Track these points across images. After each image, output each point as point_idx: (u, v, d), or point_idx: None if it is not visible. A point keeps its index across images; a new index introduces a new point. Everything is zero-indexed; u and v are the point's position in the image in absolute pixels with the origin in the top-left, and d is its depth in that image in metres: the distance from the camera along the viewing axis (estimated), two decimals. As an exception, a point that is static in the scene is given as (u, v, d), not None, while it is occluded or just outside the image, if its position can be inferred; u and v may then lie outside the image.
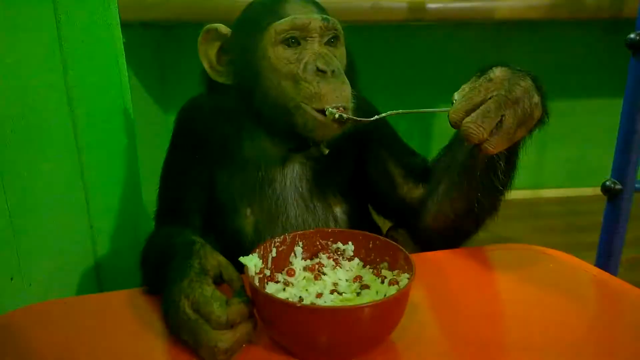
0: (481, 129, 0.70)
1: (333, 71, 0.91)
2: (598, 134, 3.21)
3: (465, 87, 0.77)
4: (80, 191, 1.28)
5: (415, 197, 1.05)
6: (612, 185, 1.44)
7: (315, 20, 0.93)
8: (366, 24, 2.77)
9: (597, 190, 1.51)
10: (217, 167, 1.03)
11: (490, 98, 0.72)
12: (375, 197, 1.13)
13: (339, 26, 0.98)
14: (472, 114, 0.72)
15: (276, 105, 0.95)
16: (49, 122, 1.16)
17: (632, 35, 1.35)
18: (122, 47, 1.26)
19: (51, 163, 1.15)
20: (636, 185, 1.45)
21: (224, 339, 0.69)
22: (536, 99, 0.74)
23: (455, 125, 0.74)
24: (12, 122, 1.01)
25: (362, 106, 1.02)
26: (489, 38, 3.05)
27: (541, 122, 0.79)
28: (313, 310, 0.68)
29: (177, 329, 0.74)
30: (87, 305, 0.89)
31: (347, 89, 0.92)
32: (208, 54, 1.00)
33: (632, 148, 1.41)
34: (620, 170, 1.44)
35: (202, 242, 0.82)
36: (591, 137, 3.29)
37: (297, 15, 0.93)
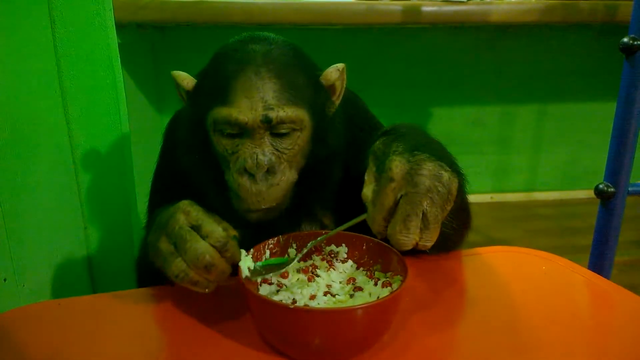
0: (410, 236, 0.66)
1: (267, 170, 0.85)
2: (591, 137, 3.24)
3: (370, 188, 0.72)
4: (74, 192, 1.28)
5: None
6: (605, 188, 1.45)
7: (254, 118, 0.83)
8: (361, 27, 2.78)
9: (591, 193, 1.52)
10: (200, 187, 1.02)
11: (402, 197, 0.67)
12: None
13: (293, 116, 0.85)
14: (393, 223, 0.67)
15: (220, 170, 0.91)
16: (43, 123, 1.16)
17: (625, 39, 1.36)
18: (117, 48, 1.26)
19: (45, 164, 1.15)
20: (629, 189, 1.46)
21: (213, 255, 0.72)
22: (445, 175, 0.68)
23: (381, 235, 0.70)
24: (6, 123, 1.01)
25: (349, 110, 1.01)
26: (484, 41, 3.07)
27: (462, 185, 0.77)
28: (306, 312, 0.68)
29: (157, 238, 0.75)
30: (80, 307, 0.88)
31: (274, 192, 0.86)
32: (180, 92, 0.96)
33: (625, 151, 1.42)
34: (614, 173, 1.45)
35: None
36: (585, 140, 3.31)
37: (236, 108, 0.83)
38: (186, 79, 0.93)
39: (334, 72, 0.92)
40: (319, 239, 0.83)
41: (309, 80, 0.90)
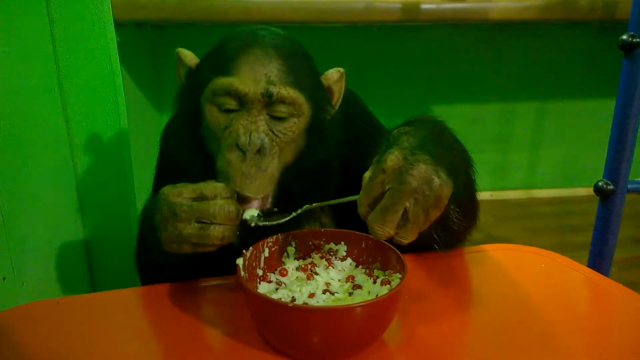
0: (385, 228, 0.67)
1: (259, 150, 0.83)
2: (591, 135, 3.23)
3: (367, 173, 0.72)
4: (73, 191, 1.28)
5: None
6: (605, 185, 1.45)
7: (255, 90, 0.82)
8: (360, 25, 2.78)
9: (590, 191, 1.52)
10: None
11: (389, 190, 0.68)
12: None
13: (293, 97, 0.85)
14: (375, 211, 0.69)
15: (209, 157, 0.90)
16: (43, 122, 1.16)
17: (624, 37, 1.36)
18: (116, 46, 1.25)
19: (44, 163, 1.15)
20: (628, 186, 1.46)
21: (234, 206, 0.77)
22: (437, 181, 0.68)
23: (364, 219, 0.71)
24: (5, 122, 1.01)
25: (349, 109, 1.01)
26: (483, 39, 3.07)
27: (471, 186, 0.76)
28: (305, 311, 0.68)
29: (172, 230, 0.77)
30: (80, 305, 0.88)
31: (260, 178, 0.84)
32: (179, 73, 0.95)
33: (625, 149, 1.42)
34: (613, 170, 1.45)
35: None
36: (584, 137, 3.31)
37: (237, 78, 0.83)
38: (189, 56, 0.93)
39: (334, 73, 0.93)
40: (313, 205, 0.84)
41: (310, 75, 0.90)
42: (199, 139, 0.90)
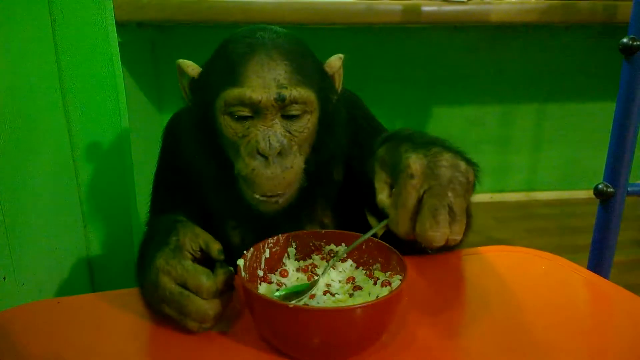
0: (441, 230, 0.65)
1: (279, 153, 0.84)
2: (591, 137, 3.24)
3: (385, 193, 0.72)
4: (74, 191, 1.28)
5: None
6: (605, 188, 1.45)
7: (268, 97, 0.83)
8: (361, 26, 2.78)
9: (590, 193, 1.52)
10: (201, 185, 1.02)
11: (425, 192, 0.66)
12: (368, 204, 1.11)
13: (305, 96, 0.86)
14: (422, 220, 0.65)
15: (225, 161, 0.91)
16: (44, 121, 1.16)
17: (624, 40, 1.36)
18: (117, 46, 1.26)
19: (45, 163, 1.15)
20: (628, 189, 1.46)
21: (213, 306, 0.74)
22: (462, 165, 0.68)
23: (409, 236, 0.68)
24: (6, 122, 1.01)
25: (351, 110, 1.02)
26: (484, 41, 3.07)
27: (477, 177, 0.75)
28: (306, 311, 0.68)
29: (158, 304, 0.76)
30: (80, 305, 0.88)
31: (288, 175, 0.86)
32: (183, 83, 0.96)
33: (625, 151, 1.42)
34: (613, 173, 1.45)
35: (185, 220, 0.83)
36: (584, 140, 3.31)
37: (248, 87, 0.83)
38: (191, 66, 0.93)
39: (337, 61, 0.95)
40: (343, 253, 0.83)
41: (315, 67, 0.91)
42: (214, 147, 0.91)
